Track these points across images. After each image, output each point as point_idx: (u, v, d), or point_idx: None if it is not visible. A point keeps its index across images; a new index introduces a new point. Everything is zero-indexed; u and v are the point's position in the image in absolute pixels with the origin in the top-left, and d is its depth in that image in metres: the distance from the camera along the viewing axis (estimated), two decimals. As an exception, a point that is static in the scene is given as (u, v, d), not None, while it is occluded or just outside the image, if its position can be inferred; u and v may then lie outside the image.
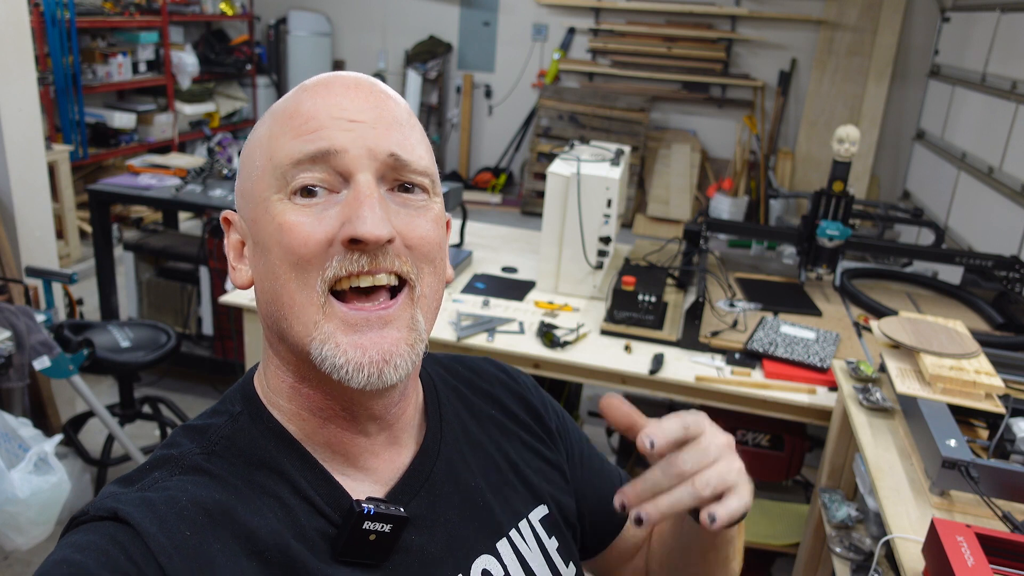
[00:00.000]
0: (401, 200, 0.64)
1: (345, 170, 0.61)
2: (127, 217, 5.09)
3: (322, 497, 0.64)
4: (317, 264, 0.60)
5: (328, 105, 0.63)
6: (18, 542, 2.08)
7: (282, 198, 0.62)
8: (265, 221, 0.62)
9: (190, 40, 6.19)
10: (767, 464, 2.15)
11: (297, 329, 0.61)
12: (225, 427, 0.66)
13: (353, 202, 0.60)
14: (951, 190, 4.46)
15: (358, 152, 0.61)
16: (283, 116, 0.64)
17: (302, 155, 0.61)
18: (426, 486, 0.70)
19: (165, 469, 0.63)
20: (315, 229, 0.60)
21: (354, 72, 0.68)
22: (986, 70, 4.28)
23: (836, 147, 2.33)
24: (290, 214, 0.61)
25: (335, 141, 0.61)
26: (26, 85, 2.69)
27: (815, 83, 5.95)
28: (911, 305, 2.43)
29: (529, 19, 6.55)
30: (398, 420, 0.70)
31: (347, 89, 0.64)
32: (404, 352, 0.62)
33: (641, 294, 2.13)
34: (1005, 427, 1.41)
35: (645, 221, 6.13)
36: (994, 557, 1.04)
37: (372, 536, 0.63)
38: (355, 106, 0.63)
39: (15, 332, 2.23)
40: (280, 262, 0.61)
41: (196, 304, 3.37)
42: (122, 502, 0.59)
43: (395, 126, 0.64)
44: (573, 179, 2.29)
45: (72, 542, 0.57)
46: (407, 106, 0.69)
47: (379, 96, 0.65)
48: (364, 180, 0.61)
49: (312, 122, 0.62)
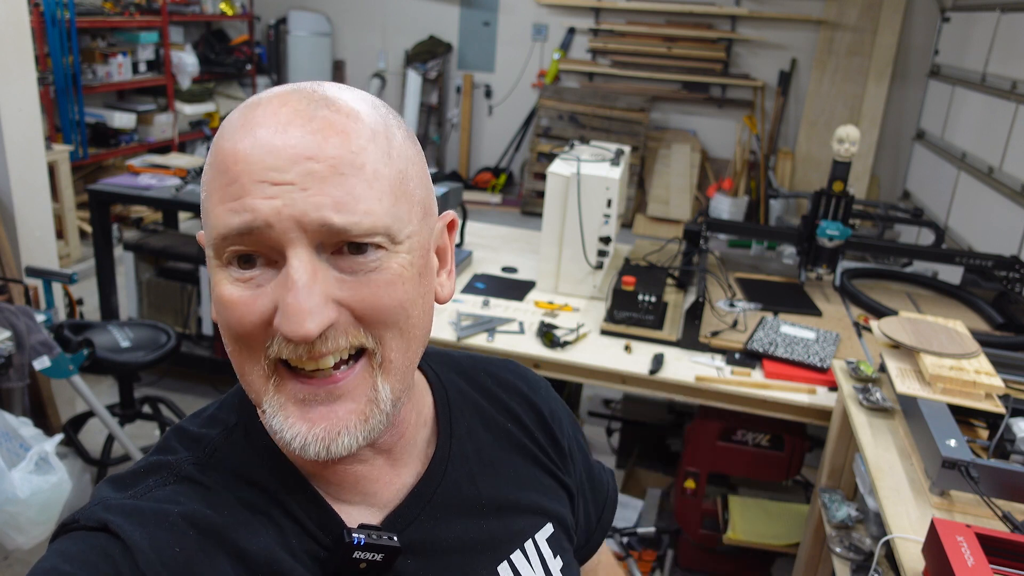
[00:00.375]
0: (349, 266, 0.56)
1: (275, 246, 0.54)
2: (127, 217, 5.09)
3: (312, 520, 0.63)
4: (259, 342, 0.56)
5: (250, 159, 0.53)
6: (19, 541, 2.08)
7: (220, 265, 0.56)
8: (211, 279, 0.58)
9: (190, 40, 6.18)
10: (767, 464, 2.15)
11: (252, 395, 0.60)
12: (219, 439, 0.65)
13: (281, 288, 0.54)
14: (951, 190, 4.46)
15: (284, 226, 0.53)
16: (216, 159, 0.56)
17: (228, 230, 0.54)
18: (427, 509, 0.69)
19: (159, 476, 0.62)
20: (250, 310, 0.55)
21: (298, 89, 0.57)
22: (986, 70, 4.28)
23: (836, 147, 2.33)
24: (227, 287, 0.56)
25: (258, 215, 0.53)
26: (26, 85, 2.68)
27: (815, 83, 5.95)
28: (911, 305, 2.43)
29: (529, 19, 6.55)
30: (395, 445, 0.68)
31: (276, 128, 0.54)
32: (354, 426, 0.58)
33: (641, 294, 2.13)
34: (1005, 427, 1.41)
35: (645, 221, 6.13)
36: (994, 557, 1.04)
37: (363, 564, 0.62)
38: (281, 157, 0.53)
39: (15, 332, 2.23)
40: (225, 331, 0.58)
41: (196, 304, 3.37)
42: (113, 512, 0.58)
43: (332, 178, 0.53)
44: (573, 179, 2.29)
45: (61, 550, 0.57)
46: (368, 125, 0.57)
47: (316, 133, 0.54)
48: (294, 262, 0.53)
49: (235, 185, 0.54)
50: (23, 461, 2.08)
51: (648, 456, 2.78)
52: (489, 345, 2.05)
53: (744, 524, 2.22)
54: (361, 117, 0.57)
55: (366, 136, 0.56)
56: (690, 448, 2.24)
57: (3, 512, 2.02)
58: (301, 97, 0.56)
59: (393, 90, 7.01)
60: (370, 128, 0.57)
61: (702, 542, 2.31)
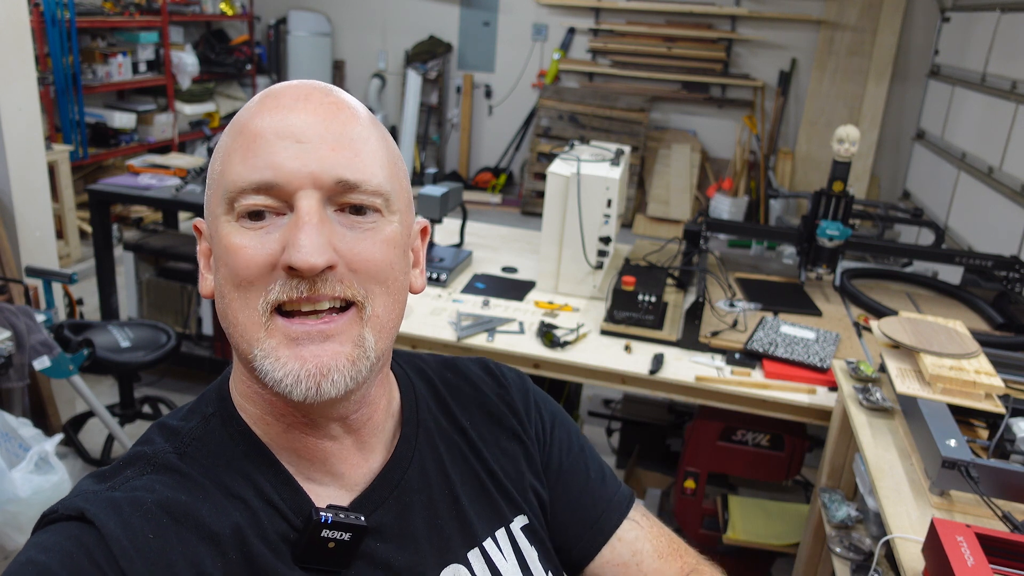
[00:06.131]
0: (349, 222, 0.63)
1: (289, 196, 0.61)
2: (127, 217, 5.09)
3: (285, 501, 0.65)
4: (260, 286, 0.61)
5: (275, 123, 0.62)
6: (20, 541, 2.08)
7: (230, 219, 0.62)
8: (217, 238, 0.64)
9: (190, 40, 6.18)
10: (767, 464, 2.15)
11: (243, 344, 0.63)
12: (197, 429, 0.68)
13: (292, 227, 0.60)
14: (951, 190, 4.46)
15: (301, 178, 0.60)
16: (236, 131, 0.64)
17: (247, 184, 0.61)
18: (395, 494, 0.71)
19: (137, 467, 0.65)
20: (257, 253, 0.60)
21: (310, 81, 0.67)
22: (986, 70, 4.28)
23: (836, 147, 2.33)
24: (235, 236, 0.61)
25: (278, 169, 0.60)
26: (26, 85, 2.69)
27: (815, 83, 5.95)
28: (911, 305, 2.43)
29: (529, 19, 6.55)
30: (364, 425, 0.70)
31: (296, 102, 0.63)
32: (343, 367, 0.62)
33: (641, 294, 2.13)
34: (1005, 427, 1.41)
35: (645, 221, 6.14)
36: (994, 557, 1.04)
37: (331, 544, 0.64)
38: (302, 122, 0.62)
39: (15, 332, 2.24)
40: (226, 281, 0.62)
41: (196, 304, 3.37)
42: (90, 502, 0.60)
43: (345, 143, 0.62)
44: (573, 179, 2.29)
45: (39, 542, 0.59)
46: (367, 115, 0.67)
47: (330, 109, 0.64)
48: (306, 206, 0.60)
49: (258, 143, 0.61)
50: (23, 461, 2.09)
51: (648, 456, 2.78)
52: (489, 345, 2.05)
53: (744, 524, 2.22)
54: (361, 108, 0.67)
55: (368, 120, 0.67)
56: (690, 448, 2.24)
57: (4, 512, 2.02)
58: (312, 85, 0.66)
59: (393, 90, 7.01)
60: (369, 117, 0.67)
61: (702, 542, 2.31)
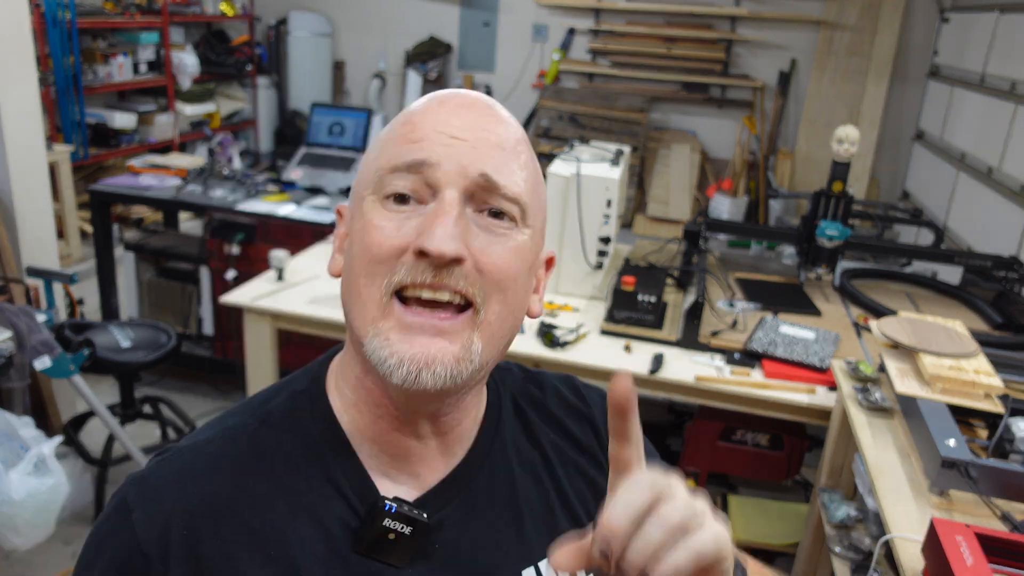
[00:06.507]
0: (485, 224, 0.64)
1: (435, 183, 0.63)
2: (128, 217, 5.09)
3: (352, 487, 0.66)
4: (387, 268, 0.62)
5: (437, 119, 0.65)
6: (16, 543, 2.08)
7: (375, 200, 0.65)
8: (357, 216, 0.66)
9: (190, 40, 6.18)
10: (767, 464, 2.16)
11: (358, 322, 0.64)
12: (285, 403, 0.70)
13: (432, 215, 0.62)
14: (950, 190, 4.46)
15: (450, 167, 0.63)
16: (399, 122, 0.68)
17: (399, 163, 0.64)
18: (462, 495, 0.70)
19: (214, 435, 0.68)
20: (393, 235, 0.62)
21: (476, 92, 0.70)
22: (985, 70, 4.28)
23: (836, 147, 2.33)
24: (377, 216, 0.64)
25: (431, 154, 0.63)
26: (27, 85, 2.69)
27: (815, 83, 5.95)
28: (910, 305, 2.43)
29: (529, 19, 6.55)
30: (452, 430, 0.70)
31: (459, 108, 0.67)
32: (448, 363, 0.62)
33: (641, 294, 2.13)
34: (1004, 427, 1.41)
35: (645, 221, 6.14)
36: (993, 557, 1.05)
37: (391, 535, 0.64)
38: (461, 124, 0.65)
39: (16, 332, 2.24)
40: (358, 258, 0.64)
41: (197, 304, 3.37)
42: (139, 485, 0.65)
43: (496, 149, 0.65)
44: (573, 179, 2.29)
45: (93, 542, 0.64)
46: (523, 134, 0.69)
47: (488, 118, 0.67)
48: (449, 196, 0.62)
49: (417, 132, 0.65)
50: (21, 462, 2.08)
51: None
52: (489, 345, 2.05)
53: (744, 524, 2.22)
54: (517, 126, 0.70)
55: (523, 138, 0.69)
56: (690, 448, 2.24)
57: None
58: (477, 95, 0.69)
59: (393, 90, 7.01)
60: (524, 135, 0.70)
61: (702, 542, 2.31)
